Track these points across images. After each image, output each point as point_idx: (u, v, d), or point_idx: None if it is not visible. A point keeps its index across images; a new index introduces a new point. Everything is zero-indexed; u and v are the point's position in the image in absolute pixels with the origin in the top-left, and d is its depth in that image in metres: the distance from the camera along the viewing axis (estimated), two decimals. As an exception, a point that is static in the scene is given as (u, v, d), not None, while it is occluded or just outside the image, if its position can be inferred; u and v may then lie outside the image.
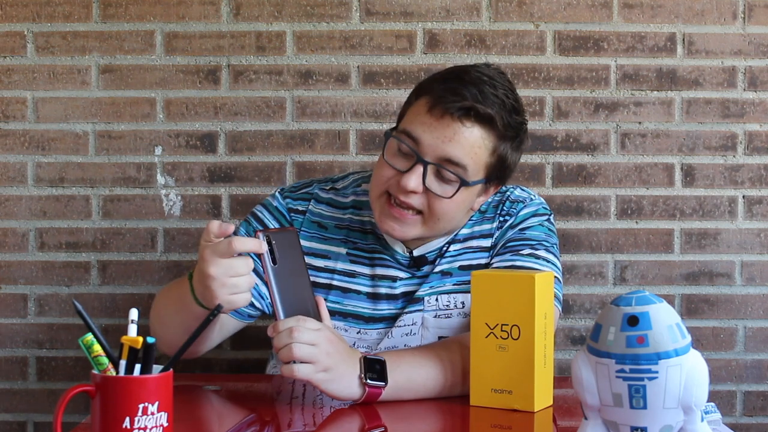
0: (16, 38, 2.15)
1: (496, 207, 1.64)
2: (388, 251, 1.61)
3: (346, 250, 1.63)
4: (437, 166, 1.49)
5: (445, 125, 1.48)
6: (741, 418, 2.20)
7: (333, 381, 1.33)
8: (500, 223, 1.63)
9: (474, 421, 1.31)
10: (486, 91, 1.49)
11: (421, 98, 1.53)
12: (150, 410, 1.01)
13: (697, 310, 2.19)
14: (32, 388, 2.18)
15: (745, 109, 2.18)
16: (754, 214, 2.19)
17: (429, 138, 1.48)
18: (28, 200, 2.16)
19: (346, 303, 1.61)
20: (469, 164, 1.50)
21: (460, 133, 1.48)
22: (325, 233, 1.64)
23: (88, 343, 1.05)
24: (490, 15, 2.16)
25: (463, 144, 1.48)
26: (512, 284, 1.31)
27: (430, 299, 1.59)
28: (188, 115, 2.16)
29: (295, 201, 1.65)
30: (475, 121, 1.48)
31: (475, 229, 1.63)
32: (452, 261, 1.62)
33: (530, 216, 1.63)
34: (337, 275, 1.62)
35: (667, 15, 2.17)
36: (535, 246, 1.60)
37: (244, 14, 2.15)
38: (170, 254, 2.17)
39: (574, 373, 1.01)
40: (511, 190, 1.67)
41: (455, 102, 1.47)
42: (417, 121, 1.50)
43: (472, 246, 1.62)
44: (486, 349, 1.32)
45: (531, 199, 1.66)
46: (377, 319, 1.61)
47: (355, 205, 1.65)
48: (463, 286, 1.60)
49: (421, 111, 1.51)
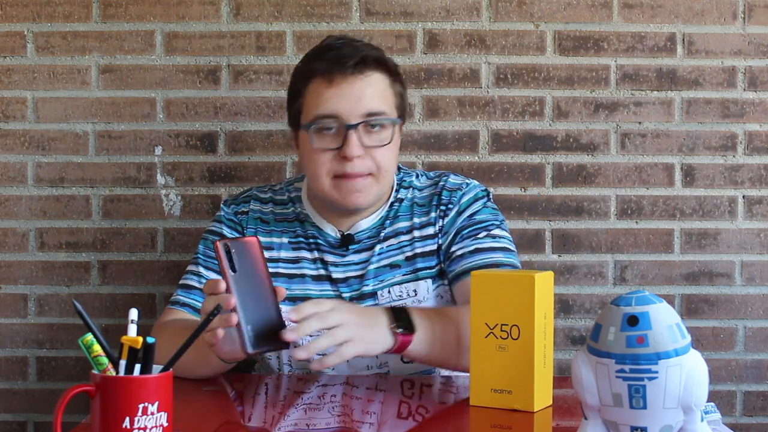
0: (16, 38, 2.15)
1: (430, 198, 1.71)
2: (321, 236, 1.69)
3: (288, 239, 1.71)
4: (363, 123, 1.58)
5: (349, 86, 1.58)
6: (741, 418, 2.20)
7: (369, 343, 1.41)
8: (442, 212, 1.69)
9: (474, 421, 1.31)
10: (356, 44, 1.64)
11: (310, 84, 1.62)
12: (150, 410, 1.01)
13: (697, 310, 2.19)
14: (32, 388, 2.18)
15: (745, 109, 2.18)
16: (754, 214, 2.19)
17: (343, 105, 1.58)
18: (28, 200, 2.16)
19: (294, 288, 1.66)
20: (385, 108, 1.61)
21: (365, 86, 1.59)
22: (266, 227, 1.72)
23: (88, 343, 1.05)
24: (490, 15, 2.16)
25: (372, 93, 1.60)
26: (512, 284, 1.31)
27: (383, 293, 1.66)
28: (188, 115, 2.16)
29: (238, 205, 1.75)
30: (370, 69, 1.60)
31: (415, 220, 1.70)
32: (398, 253, 1.68)
33: (472, 201, 1.69)
34: (282, 263, 1.70)
35: (667, 15, 2.17)
36: (488, 227, 1.67)
37: (244, 14, 2.15)
38: (170, 254, 2.17)
39: (574, 373, 1.01)
40: (443, 179, 1.72)
41: (346, 62, 1.58)
42: (322, 100, 1.59)
43: (415, 236, 1.69)
44: (486, 349, 1.32)
45: (467, 184, 1.71)
46: None
47: (290, 200, 1.74)
48: (411, 275, 1.67)
49: (320, 91, 1.60)
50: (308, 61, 1.65)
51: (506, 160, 2.17)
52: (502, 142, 2.17)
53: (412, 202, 1.71)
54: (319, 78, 1.60)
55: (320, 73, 1.60)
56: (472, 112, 2.17)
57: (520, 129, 2.17)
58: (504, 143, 2.17)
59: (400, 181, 1.73)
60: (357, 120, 1.58)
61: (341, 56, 1.59)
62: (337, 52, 1.61)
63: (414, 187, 1.73)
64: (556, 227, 2.17)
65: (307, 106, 1.62)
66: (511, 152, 2.17)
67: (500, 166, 2.17)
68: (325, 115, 1.59)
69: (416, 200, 1.71)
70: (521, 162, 2.17)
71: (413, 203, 1.71)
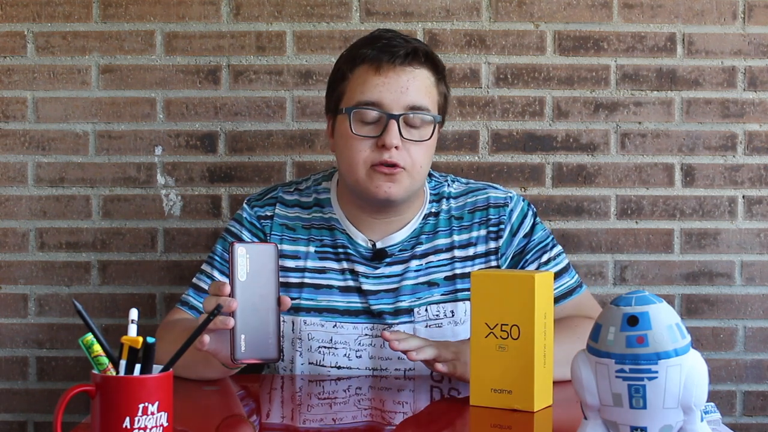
0: (16, 38, 2.15)
1: (472, 213, 1.68)
2: (352, 246, 1.66)
3: (314, 249, 1.67)
4: (405, 115, 1.57)
5: (397, 76, 1.57)
6: (741, 418, 2.20)
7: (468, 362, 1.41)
8: (493, 233, 1.66)
9: (474, 421, 1.31)
10: (407, 38, 1.62)
11: (356, 69, 1.60)
12: (150, 410, 1.01)
13: (697, 310, 2.19)
14: (32, 388, 2.18)
15: (745, 109, 2.18)
16: (754, 214, 2.19)
17: (388, 95, 1.56)
18: (28, 200, 2.16)
19: (320, 299, 1.64)
20: (429, 105, 1.59)
21: (412, 79, 1.58)
22: (293, 234, 1.68)
23: (88, 343, 1.05)
24: (490, 15, 2.16)
25: (418, 87, 1.58)
26: (512, 284, 1.31)
27: (420, 310, 1.63)
28: (188, 115, 2.16)
29: (263, 208, 1.71)
30: (420, 63, 1.59)
31: (455, 238, 1.67)
32: (436, 271, 1.65)
33: (522, 218, 1.68)
34: (308, 273, 1.66)
35: (667, 15, 2.17)
36: (546, 248, 1.68)
37: (244, 14, 2.15)
38: (170, 254, 2.17)
39: (574, 373, 1.01)
40: (482, 192, 1.70)
41: (397, 51, 1.57)
42: (368, 87, 1.58)
43: (456, 256, 1.66)
44: (486, 349, 1.32)
45: (511, 199, 1.70)
46: (352, 312, 1.64)
47: (317, 203, 1.71)
48: (450, 295, 1.64)
49: (366, 77, 1.58)
50: (357, 47, 1.62)
51: (506, 160, 2.17)
52: (502, 142, 2.17)
53: (449, 215, 1.68)
54: (367, 64, 1.58)
55: (369, 60, 1.58)
56: (472, 112, 2.17)
57: (520, 129, 2.17)
58: (504, 143, 2.17)
59: (435, 192, 1.71)
60: (400, 111, 1.57)
61: (392, 46, 1.58)
62: (388, 42, 1.59)
63: (450, 197, 1.70)
64: (556, 227, 2.17)
65: (350, 90, 1.60)
66: (511, 152, 2.17)
67: (500, 166, 2.17)
68: (368, 102, 1.57)
69: (453, 212, 1.69)
70: (521, 162, 2.17)
71: (450, 216, 1.68)
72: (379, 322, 1.63)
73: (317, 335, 1.63)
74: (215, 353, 1.37)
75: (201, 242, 2.16)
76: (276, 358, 1.33)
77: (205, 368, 1.47)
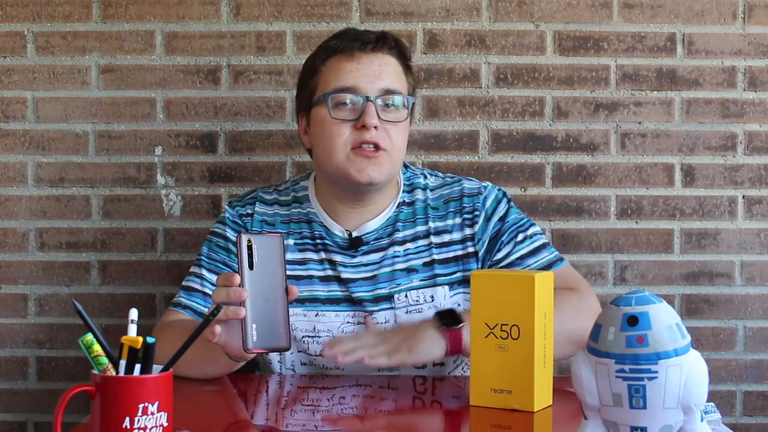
0: (16, 38, 2.15)
1: (447, 203, 1.72)
2: (329, 236, 1.69)
3: (294, 241, 1.70)
4: (382, 96, 1.61)
5: (370, 61, 1.62)
6: (741, 418, 2.20)
7: (415, 346, 1.47)
8: (468, 220, 1.69)
9: (474, 421, 1.31)
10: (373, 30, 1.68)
11: (328, 60, 1.65)
12: (150, 410, 1.01)
13: (697, 310, 2.19)
14: (32, 388, 2.18)
15: (745, 109, 2.18)
16: (754, 214, 2.19)
17: (363, 79, 1.61)
18: (28, 200, 2.16)
19: (302, 289, 1.66)
20: (401, 89, 1.65)
21: (384, 64, 1.63)
22: (272, 229, 1.72)
23: (88, 343, 1.05)
24: (490, 15, 2.16)
25: (391, 72, 1.64)
26: (512, 284, 1.31)
27: (399, 296, 1.66)
28: (188, 115, 2.16)
29: (243, 207, 1.75)
30: (390, 49, 1.65)
31: (431, 225, 1.70)
32: (415, 257, 1.68)
33: (496, 204, 1.71)
34: (289, 265, 1.67)
35: (667, 15, 2.17)
36: (521, 228, 1.69)
37: (244, 14, 2.15)
38: (170, 254, 2.17)
39: (574, 373, 1.01)
40: (459, 184, 1.73)
41: (367, 38, 1.63)
42: (342, 74, 1.62)
43: (433, 242, 1.69)
44: (486, 348, 1.32)
45: (485, 188, 1.73)
46: (333, 301, 1.67)
47: (296, 200, 1.75)
48: (429, 281, 1.67)
49: (340, 65, 1.63)
50: (325, 43, 1.68)
51: (506, 160, 2.17)
52: (502, 142, 2.17)
53: (426, 204, 1.72)
54: (339, 54, 1.64)
55: (340, 50, 1.64)
56: (472, 112, 2.17)
57: (520, 129, 2.17)
58: (504, 143, 2.17)
59: (409, 183, 1.74)
60: (376, 94, 1.61)
61: (361, 34, 1.65)
62: (356, 32, 1.66)
63: (427, 188, 1.73)
64: (556, 227, 2.18)
65: (324, 81, 1.64)
66: (511, 152, 2.17)
67: (500, 166, 2.17)
68: (344, 88, 1.61)
69: (429, 202, 1.72)
70: (521, 162, 2.17)
71: (427, 205, 1.72)
72: (360, 310, 1.66)
73: (300, 325, 1.66)
74: (225, 344, 1.37)
75: (201, 242, 2.14)
76: (287, 347, 1.32)
77: (210, 364, 1.47)
